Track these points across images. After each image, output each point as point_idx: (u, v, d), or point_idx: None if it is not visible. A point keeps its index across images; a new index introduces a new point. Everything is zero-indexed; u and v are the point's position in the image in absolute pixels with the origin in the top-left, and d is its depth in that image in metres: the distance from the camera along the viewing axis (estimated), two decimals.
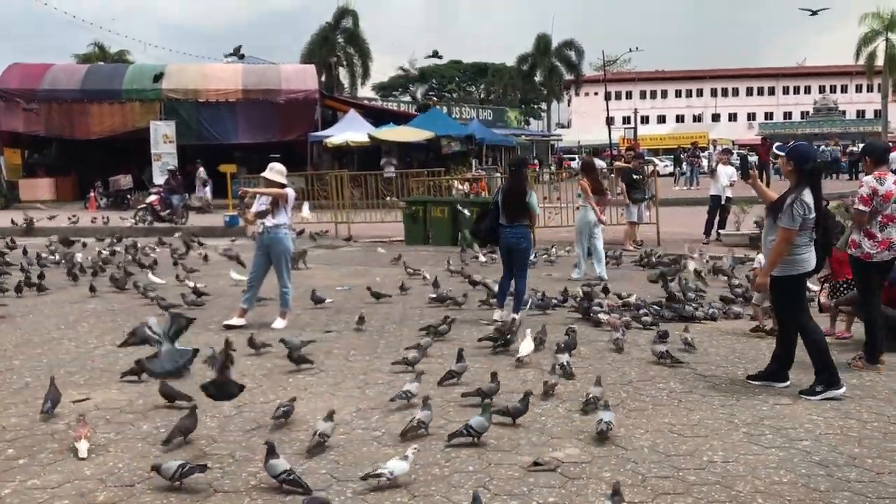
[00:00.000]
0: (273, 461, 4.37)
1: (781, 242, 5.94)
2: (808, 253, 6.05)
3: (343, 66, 56.07)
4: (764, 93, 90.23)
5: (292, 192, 9.04)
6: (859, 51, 55.96)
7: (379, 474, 4.36)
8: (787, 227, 5.90)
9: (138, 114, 31.39)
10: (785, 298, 6.22)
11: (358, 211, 20.55)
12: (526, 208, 8.82)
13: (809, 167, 6.06)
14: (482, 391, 5.76)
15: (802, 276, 6.12)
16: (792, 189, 6.02)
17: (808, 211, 5.89)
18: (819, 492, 4.30)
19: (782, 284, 6.11)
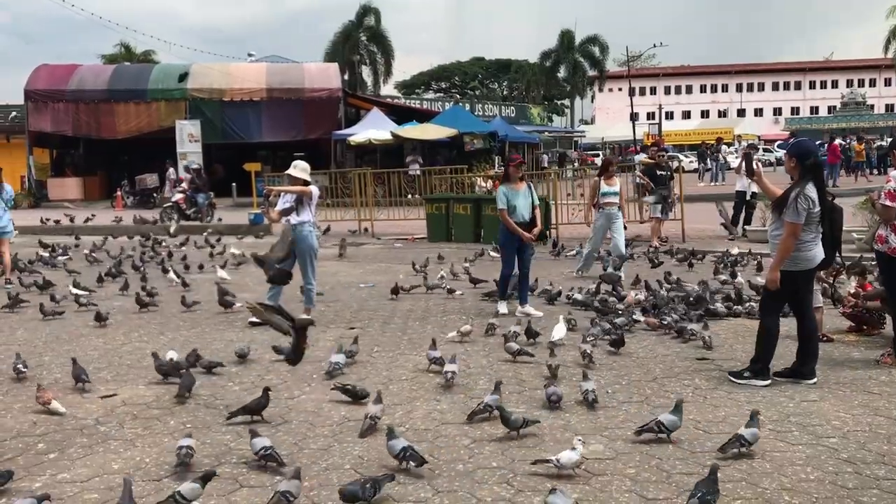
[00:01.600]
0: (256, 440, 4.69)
1: (788, 237, 5.99)
2: (815, 248, 6.10)
3: (366, 65, 56.30)
4: (790, 87, 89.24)
5: (316, 190, 9.08)
6: (888, 44, 55.24)
7: (547, 460, 4.46)
8: (792, 221, 5.96)
9: (164, 113, 31.74)
10: (783, 292, 6.20)
11: (381, 208, 20.60)
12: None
13: (811, 162, 6.13)
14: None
15: (809, 272, 6.19)
16: (795, 184, 6.09)
17: (812, 205, 5.95)
18: (847, 489, 4.25)
19: (787, 278, 6.12)
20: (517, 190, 9.13)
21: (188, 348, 7.46)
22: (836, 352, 7.21)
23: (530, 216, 9.19)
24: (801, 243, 6.03)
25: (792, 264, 6.08)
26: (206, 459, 4.81)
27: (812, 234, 6.07)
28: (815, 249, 6.11)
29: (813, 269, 6.20)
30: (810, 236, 6.06)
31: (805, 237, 6.03)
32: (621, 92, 70.88)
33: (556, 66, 67.57)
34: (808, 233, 6.04)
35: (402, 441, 4.63)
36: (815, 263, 6.17)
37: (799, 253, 6.05)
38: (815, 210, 5.99)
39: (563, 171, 31.09)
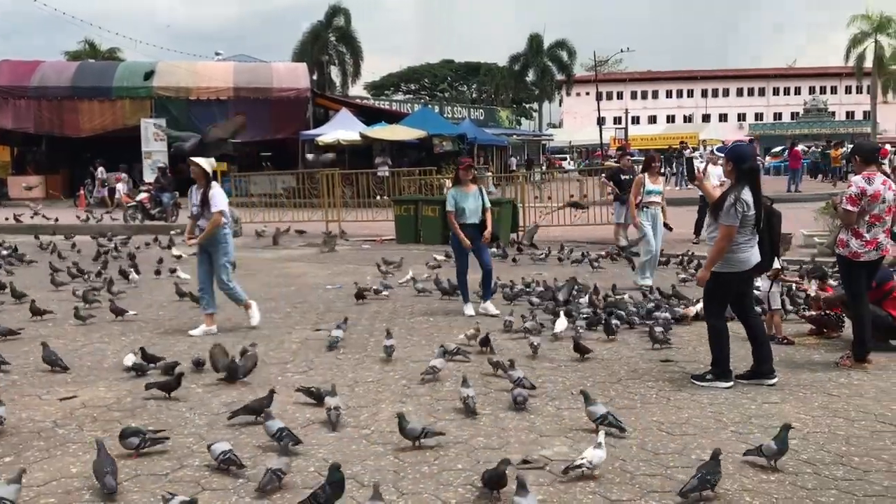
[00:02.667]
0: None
1: (722, 239, 6.12)
2: (749, 251, 6.22)
3: (335, 65, 56.04)
4: (754, 93, 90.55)
5: (221, 194, 8.41)
6: (849, 52, 56.26)
7: (579, 465, 4.42)
8: (728, 223, 6.08)
9: (129, 111, 31.33)
10: (715, 292, 6.35)
11: (349, 209, 20.52)
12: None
13: (747, 166, 6.26)
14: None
15: (741, 274, 6.28)
16: (732, 188, 6.22)
17: (747, 208, 6.08)
18: (806, 490, 4.31)
19: (719, 279, 6.26)
20: (467, 192, 9.20)
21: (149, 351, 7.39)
22: (798, 354, 7.32)
23: (480, 219, 9.25)
24: (736, 245, 6.15)
25: (727, 266, 6.21)
26: (168, 462, 4.75)
27: (747, 237, 6.19)
28: (750, 252, 6.24)
29: (748, 271, 6.32)
30: (745, 238, 6.17)
31: (739, 239, 6.15)
32: (589, 96, 71.44)
33: (524, 69, 67.81)
34: (743, 235, 6.16)
35: (277, 422, 4.96)
36: (750, 266, 6.29)
37: (733, 255, 6.17)
38: (750, 213, 6.11)
39: (531, 174, 31.23)
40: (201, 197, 8.36)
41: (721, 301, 6.44)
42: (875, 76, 56.77)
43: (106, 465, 4.38)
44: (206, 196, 8.31)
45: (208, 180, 8.40)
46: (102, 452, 4.42)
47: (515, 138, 55.29)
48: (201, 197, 8.36)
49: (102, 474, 4.33)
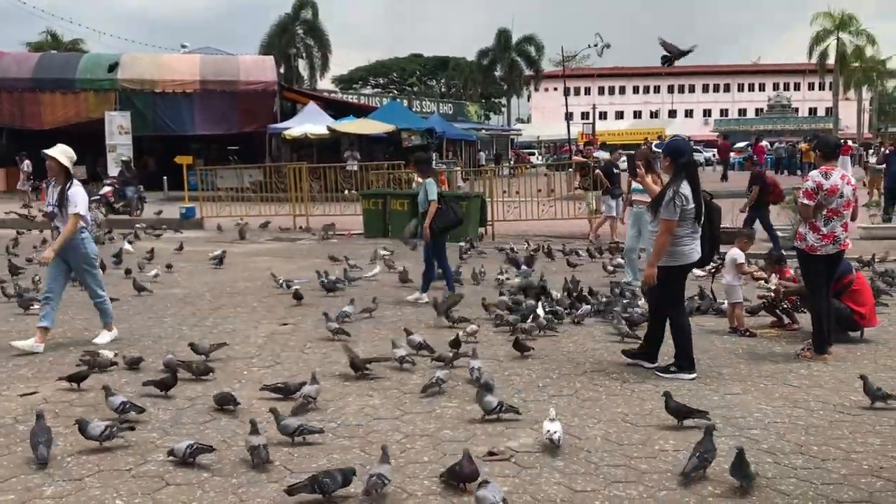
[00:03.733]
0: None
1: (663, 234, 6.24)
2: (691, 245, 6.33)
3: (302, 58, 55.67)
4: (720, 90, 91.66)
5: (81, 193, 7.44)
6: (812, 49, 57.08)
7: (552, 436, 4.71)
8: (668, 218, 6.20)
9: (93, 104, 30.85)
10: (665, 287, 6.44)
11: (317, 204, 20.41)
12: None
13: (684, 161, 6.37)
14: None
15: (684, 268, 6.42)
16: (670, 182, 6.33)
17: (685, 202, 6.18)
18: (766, 478, 4.38)
19: (665, 274, 6.37)
20: (418, 185, 9.43)
21: (114, 345, 7.31)
22: (759, 346, 7.44)
23: (423, 210, 9.66)
24: (677, 239, 6.26)
25: (670, 259, 6.31)
26: (131, 457, 4.70)
27: (687, 231, 6.29)
28: (692, 245, 6.34)
29: (689, 265, 6.43)
30: (685, 232, 6.28)
31: (680, 233, 6.26)
32: (556, 91, 71.63)
33: (492, 64, 67.91)
34: (684, 229, 6.26)
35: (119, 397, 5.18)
36: (692, 259, 6.39)
37: (676, 248, 6.28)
38: (689, 207, 6.20)
39: (499, 169, 31.27)
40: (58, 195, 7.33)
41: (676, 294, 6.53)
42: (837, 73, 57.70)
43: (40, 435, 4.60)
44: (63, 195, 7.28)
45: (67, 176, 7.38)
46: (40, 423, 4.68)
47: (484, 133, 55.34)
48: (58, 195, 7.33)
49: (36, 444, 4.57)
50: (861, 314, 7.50)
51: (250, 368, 6.71)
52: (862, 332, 7.63)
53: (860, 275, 8.08)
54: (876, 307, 7.96)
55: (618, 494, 4.19)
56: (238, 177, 24.48)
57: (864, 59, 58.31)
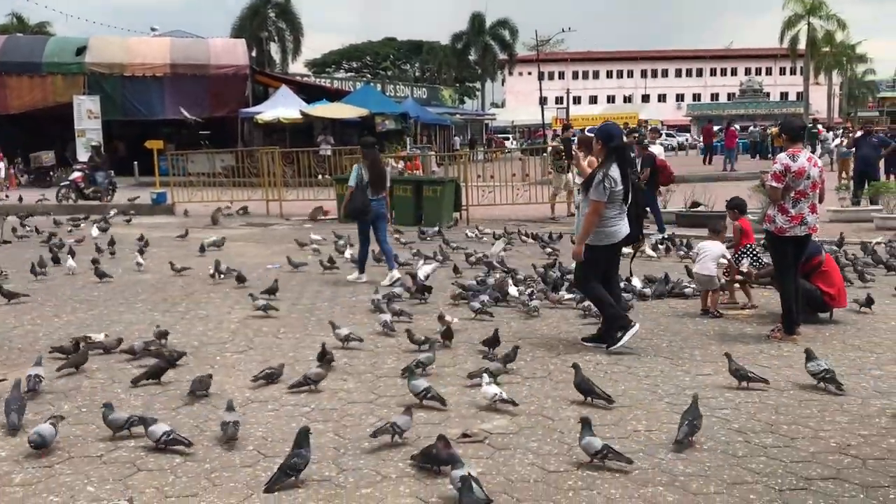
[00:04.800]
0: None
1: (592, 214, 6.55)
2: (617, 225, 6.63)
3: (274, 41, 55.15)
4: (692, 74, 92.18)
5: None
6: (783, 34, 57.57)
7: (505, 399, 5.10)
8: (596, 199, 6.51)
9: (60, 88, 30.26)
10: (589, 265, 6.73)
11: (290, 189, 20.27)
12: (384, 182, 10.02)
13: (614, 144, 6.67)
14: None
15: (611, 247, 6.71)
16: (600, 165, 6.62)
17: (614, 184, 6.49)
18: (737, 457, 4.44)
19: (591, 252, 6.65)
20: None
21: (84, 331, 7.23)
22: (730, 328, 7.52)
23: None
24: (606, 219, 6.56)
25: (598, 239, 6.61)
26: (103, 444, 4.66)
27: (615, 212, 6.59)
28: (619, 226, 6.63)
29: (616, 243, 6.72)
30: (613, 213, 6.58)
31: (608, 213, 6.55)
32: (531, 76, 71.74)
33: (466, 48, 67.72)
34: (612, 210, 6.56)
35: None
36: (618, 238, 6.69)
37: (603, 228, 6.58)
38: (618, 189, 6.50)
39: (473, 154, 31.27)
40: None
41: (594, 273, 6.78)
42: (808, 57, 58.26)
43: (13, 402, 4.81)
44: None
45: None
46: (15, 391, 4.93)
47: (458, 117, 55.30)
48: None
49: (8, 412, 4.78)
50: (831, 295, 7.60)
51: (223, 354, 6.66)
52: (831, 313, 7.73)
53: (829, 256, 8.19)
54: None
55: (590, 474, 4.22)
56: (210, 161, 24.24)
57: (835, 43, 59.02)
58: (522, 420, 5.03)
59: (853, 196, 16.61)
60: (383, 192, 10.03)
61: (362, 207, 9.79)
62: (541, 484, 4.11)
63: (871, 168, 16.96)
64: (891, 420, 5.00)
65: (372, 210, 9.78)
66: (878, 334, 7.19)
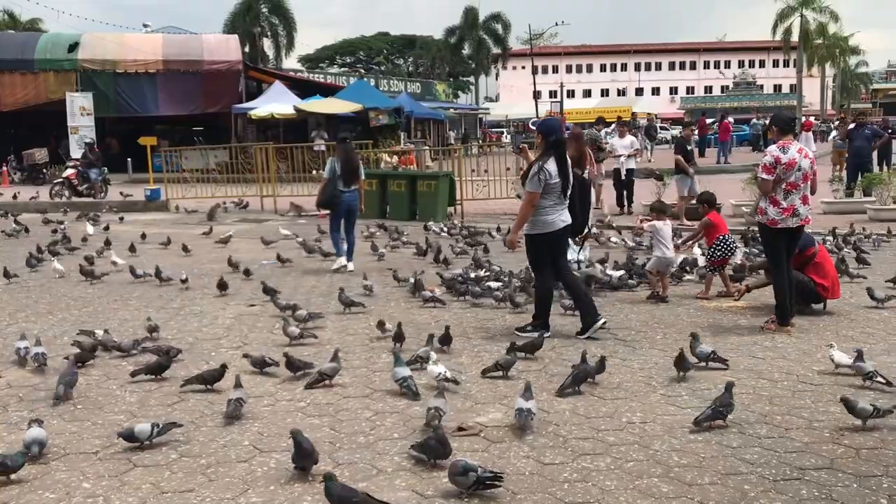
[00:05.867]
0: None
1: (526, 204, 6.83)
2: (554, 215, 6.82)
3: (267, 37, 54.96)
4: (686, 67, 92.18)
5: None
6: (776, 26, 57.60)
7: (448, 378, 5.40)
8: (531, 190, 6.75)
9: (53, 85, 30.25)
10: (532, 253, 7.04)
11: (284, 184, 20.23)
12: (357, 174, 10.33)
13: (553, 139, 6.86)
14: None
15: (547, 235, 6.87)
16: (538, 158, 6.86)
17: (550, 177, 6.70)
18: (731, 448, 4.46)
19: (531, 241, 6.94)
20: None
21: (78, 328, 7.22)
22: (724, 320, 7.54)
23: None
24: (542, 209, 6.77)
25: (536, 228, 6.85)
26: (98, 440, 4.66)
27: (552, 202, 6.78)
28: (555, 216, 6.81)
29: (556, 232, 6.86)
30: (550, 204, 6.77)
31: (544, 204, 6.75)
32: (525, 70, 71.60)
33: (460, 42, 67.57)
34: (548, 200, 6.76)
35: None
36: (557, 228, 6.85)
37: (540, 218, 6.80)
38: (553, 181, 6.70)
39: (468, 148, 31.20)
40: None
41: (539, 260, 7.00)
42: (801, 50, 58.30)
43: (68, 375, 5.34)
44: None
45: None
46: (70, 366, 5.49)
47: (452, 112, 55.15)
48: None
49: (59, 382, 5.28)
50: (824, 286, 7.63)
51: (218, 350, 6.66)
52: (825, 304, 7.76)
53: (822, 247, 8.21)
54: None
55: (586, 466, 4.24)
56: (203, 157, 24.21)
57: (828, 35, 59.04)
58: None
59: (846, 188, 16.64)
60: (355, 185, 10.36)
61: (332, 198, 10.32)
62: (536, 476, 4.12)
63: (864, 159, 16.98)
64: None
65: (344, 201, 10.26)
66: (871, 325, 7.22)
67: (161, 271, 9.57)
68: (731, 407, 4.75)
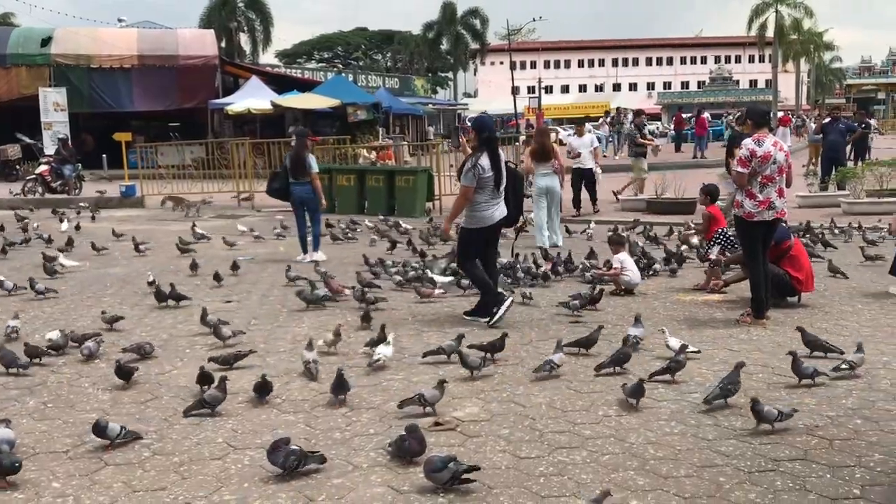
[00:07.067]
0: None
1: (460, 198, 7.13)
2: (489, 210, 7.05)
3: (244, 32, 54.56)
4: (663, 63, 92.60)
5: None
6: (751, 22, 57.95)
7: (377, 359, 5.70)
8: (465, 184, 7.03)
9: (25, 80, 29.85)
10: (463, 245, 7.27)
11: (261, 180, 20.06)
12: (306, 168, 10.46)
13: (486, 135, 7.13)
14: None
15: (483, 230, 7.11)
16: (472, 153, 7.13)
17: (483, 171, 6.93)
18: (707, 440, 4.47)
19: (467, 234, 7.18)
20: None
21: (51, 325, 7.11)
22: (700, 313, 7.57)
23: None
24: (476, 204, 7.02)
25: (473, 223, 7.09)
26: (69, 439, 4.59)
27: (486, 197, 7.01)
28: (490, 211, 7.05)
29: (490, 226, 7.12)
30: (484, 198, 7.00)
31: (479, 199, 7.00)
32: (503, 65, 71.48)
33: (438, 37, 67.44)
34: (482, 195, 6.99)
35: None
36: (492, 222, 7.10)
37: (474, 213, 7.05)
38: (486, 176, 6.92)
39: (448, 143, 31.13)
40: None
41: (470, 252, 7.24)
42: (776, 45, 58.70)
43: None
44: None
45: None
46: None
47: (431, 107, 55.06)
48: None
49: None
50: (799, 279, 7.68)
51: (193, 347, 6.59)
52: (799, 296, 7.82)
53: (798, 241, 8.28)
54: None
55: (562, 460, 4.23)
56: (180, 154, 23.97)
57: (802, 31, 59.49)
58: (494, 407, 5.03)
59: (821, 181, 16.79)
60: (304, 178, 10.53)
61: (279, 188, 10.80)
62: (512, 470, 4.11)
63: (838, 153, 17.14)
64: (856, 402, 5.06)
65: (294, 193, 10.58)
66: (844, 317, 7.29)
67: (35, 283, 8.56)
68: (739, 385, 4.93)
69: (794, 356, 5.43)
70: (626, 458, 4.26)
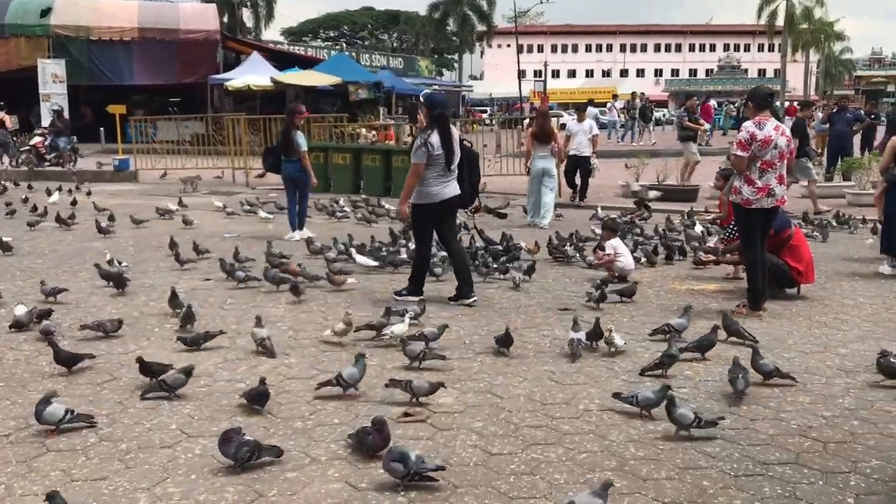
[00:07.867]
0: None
1: (411, 175, 6.99)
2: (438, 187, 6.96)
3: (247, 7, 54.04)
4: (671, 49, 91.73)
5: None
6: (761, 10, 57.27)
7: (384, 334, 5.70)
8: (415, 162, 6.92)
9: (24, 51, 29.39)
10: (415, 223, 7.25)
11: (257, 157, 19.74)
12: (293, 146, 10.37)
13: (437, 112, 7.02)
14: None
15: (432, 206, 7.00)
16: (422, 130, 7.03)
17: (432, 149, 6.84)
18: (692, 440, 4.19)
19: (416, 210, 7.08)
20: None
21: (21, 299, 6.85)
22: (695, 303, 7.24)
23: None
24: (427, 181, 6.92)
25: (421, 199, 6.99)
26: (13, 422, 4.32)
27: (436, 174, 6.91)
28: (440, 188, 6.96)
29: (441, 203, 6.97)
30: (434, 174, 6.90)
31: (428, 175, 6.90)
32: (509, 48, 70.81)
33: (444, 18, 66.65)
34: (432, 172, 6.90)
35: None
36: (442, 198, 6.97)
37: (425, 189, 6.94)
38: (436, 153, 6.83)
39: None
40: None
41: (422, 230, 7.20)
42: (785, 34, 58.02)
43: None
44: None
45: None
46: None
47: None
48: None
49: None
50: (799, 270, 7.38)
51: (163, 326, 6.32)
52: (799, 288, 7.52)
53: (799, 230, 7.97)
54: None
55: (536, 457, 3.95)
56: (177, 128, 23.64)
57: (813, 20, 58.78)
58: (469, 398, 4.75)
59: (826, 171, 16.42)
60: (294, 157, 10.44)
61: (274, 162, 10.78)
62: (481, 468, 3.83)
63: (844, 142, 16.75)
64: (854, 401, 4.78)
65: (284, 170, 10.55)
66: (845, 311, 6.99)
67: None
68: (712, 345, 5.32)
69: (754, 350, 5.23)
70: (604, 457, 3.98)
